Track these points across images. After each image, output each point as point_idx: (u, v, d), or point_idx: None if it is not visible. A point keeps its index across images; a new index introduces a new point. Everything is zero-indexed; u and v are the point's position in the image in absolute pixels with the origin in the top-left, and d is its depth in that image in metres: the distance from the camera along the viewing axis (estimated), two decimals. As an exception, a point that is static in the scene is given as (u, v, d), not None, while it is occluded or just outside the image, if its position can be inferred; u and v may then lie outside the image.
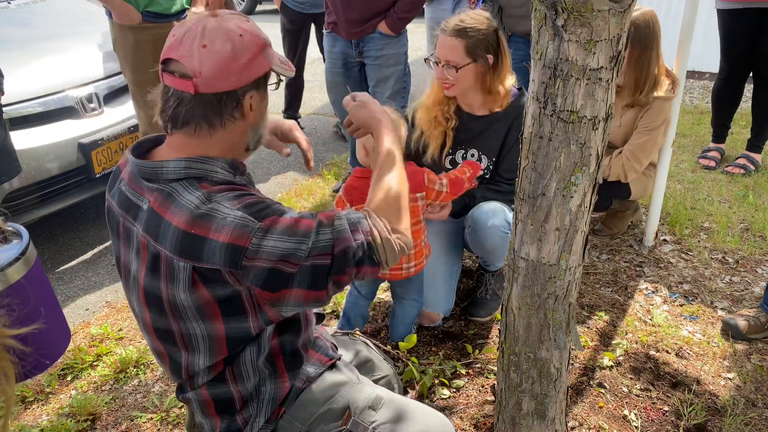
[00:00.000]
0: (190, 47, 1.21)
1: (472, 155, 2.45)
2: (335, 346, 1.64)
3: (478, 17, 2.27)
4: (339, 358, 1.56)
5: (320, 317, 1.78)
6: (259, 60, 1.26)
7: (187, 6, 3.25)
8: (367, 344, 1.81)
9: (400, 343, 2.29)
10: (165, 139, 1.35)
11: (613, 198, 3.02)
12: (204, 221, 1.19)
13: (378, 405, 1.46)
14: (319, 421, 1.43)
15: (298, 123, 5.19)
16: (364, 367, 1.72)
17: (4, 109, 2.87)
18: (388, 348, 2.34)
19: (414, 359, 2.27)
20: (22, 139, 2.99)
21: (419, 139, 2.46)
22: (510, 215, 2.34)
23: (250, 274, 1.19)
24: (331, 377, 1.49)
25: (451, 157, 2.47)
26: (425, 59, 2.37)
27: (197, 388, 1.40)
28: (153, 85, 3.41)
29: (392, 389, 1.76)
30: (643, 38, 2.63)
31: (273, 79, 1.36)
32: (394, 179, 1.40)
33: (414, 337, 2.32)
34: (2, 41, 3.47)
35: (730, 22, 3.72)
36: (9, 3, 3.95)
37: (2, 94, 2.73)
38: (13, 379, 0.76)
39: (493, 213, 2.31)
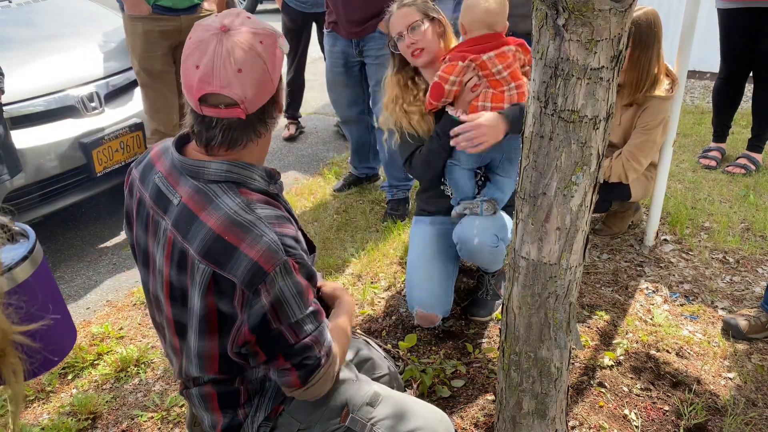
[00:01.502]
0: (225, 76, 1.19)
1: None
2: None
3: None
4: None
5: None
6: (279, 55, 1.27)
7: (198, 1, 3.31)
8: (367, 343, 1.81)
9: (401, 343, 2.30)
10: None
11: (614, 200, 3.02)
12: (240, 231, 1.20)
13: (376, 401, 1.47)
14: (318, 418, 1.43)
15: (299, 122, 5.18)
16: (364, 365, 1.72)
17: (5, 108, 2.87)
18: (389, 347, 2.35)
19: (414, 358, 2.27)
20: (23, 138, 2.99)
21: (402, 133, 2.42)
22: (498, 228, 2.33)
23: (254, 306, 1.20)
24: None
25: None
26: (387, 45, 2.46)
27: (201, 384, 1.41)
28: (158, 75, 3.57)
29: (392, 388, 1.76)
30: (645, 38, 2.63)
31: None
32: (345, 339, 1.47)
33: (414, 337, 2.33)
34: (4, 40, 3.48)
35: (729, 22, 3.72)
36: (10, 2, 3.95)
37: (2, 92, 2.74)
38: (21, 376, 0.76)
39: (479, 230, 2.31)
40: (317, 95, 5.79)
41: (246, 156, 1.31)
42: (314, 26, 4.54)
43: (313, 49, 4.81)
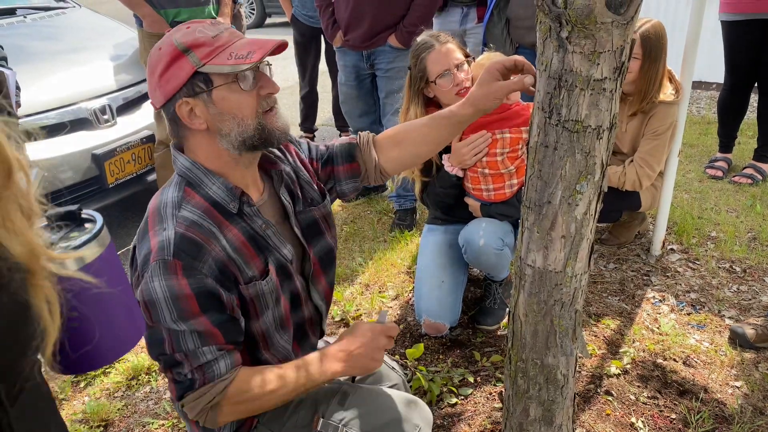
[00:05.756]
0: None
1: None
2: None
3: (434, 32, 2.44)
4: None
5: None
6: (175, 67, 1.24)
7: (215, 16, 3.39)
8: None
9: (408, 351, 2.32)
10: None
11: (624, 210, 3.04)
12: (156, 218, 1.27)
13: (345, 401, 1.45)
14: (290, 426, 1.43)
15: (314, 136, 5.23)
16: (371, 377, 1.74)
17: (20, 120, 2.92)
18: (396, 357, 2.37)
19: (422, 368, 2.29)
20: (36, 150, 3.05)
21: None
22: (503, 232, 2.36)
23: (137, 290, 1.25)
24: None
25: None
26: (433, 82, 2.28)
27: None
28: None
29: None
30: (654, 51, 2.67)
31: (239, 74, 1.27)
32: (287, 389, 1.30)
33: (421, 346, 2.34)
34: (18, 54, 3.53)
35: (733, 33, 3.74)
36: (25, 18, 4.03)
37: (19, 106, 2.79)
38: (57, 309, 0.70)
39: (486, 232, 2.34)
40: (324, 107, 5.83)
41: (198, 156, 1.32)
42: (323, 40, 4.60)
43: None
